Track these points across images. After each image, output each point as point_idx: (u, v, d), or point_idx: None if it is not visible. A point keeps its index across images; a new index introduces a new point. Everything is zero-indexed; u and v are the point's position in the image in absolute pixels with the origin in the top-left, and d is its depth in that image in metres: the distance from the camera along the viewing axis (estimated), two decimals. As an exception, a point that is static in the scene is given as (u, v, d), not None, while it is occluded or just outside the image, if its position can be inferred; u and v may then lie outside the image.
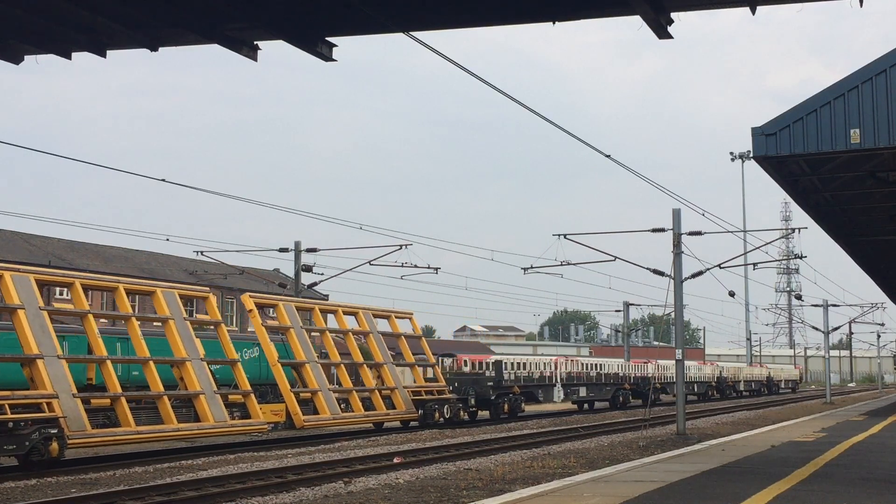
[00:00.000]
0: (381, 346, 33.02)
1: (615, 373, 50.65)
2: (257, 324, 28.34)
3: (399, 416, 32.26)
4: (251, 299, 28.46)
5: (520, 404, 39.94)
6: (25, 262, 44.71)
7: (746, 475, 14.12)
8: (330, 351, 31.42)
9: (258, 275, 64.37)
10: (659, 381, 54.57)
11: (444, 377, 37.86)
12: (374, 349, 32.87)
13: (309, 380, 28.68)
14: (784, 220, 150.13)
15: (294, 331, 29.04)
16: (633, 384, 51.89)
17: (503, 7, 11.80)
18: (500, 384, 38.99)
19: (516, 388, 39.83)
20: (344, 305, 33.96)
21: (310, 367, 28.90)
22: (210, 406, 24.02)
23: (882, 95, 18.58)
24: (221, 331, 26.71)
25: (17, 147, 44.12)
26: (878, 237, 31.38)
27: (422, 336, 36.97)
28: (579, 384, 46.62)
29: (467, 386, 37.66)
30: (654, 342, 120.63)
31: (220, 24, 11.99)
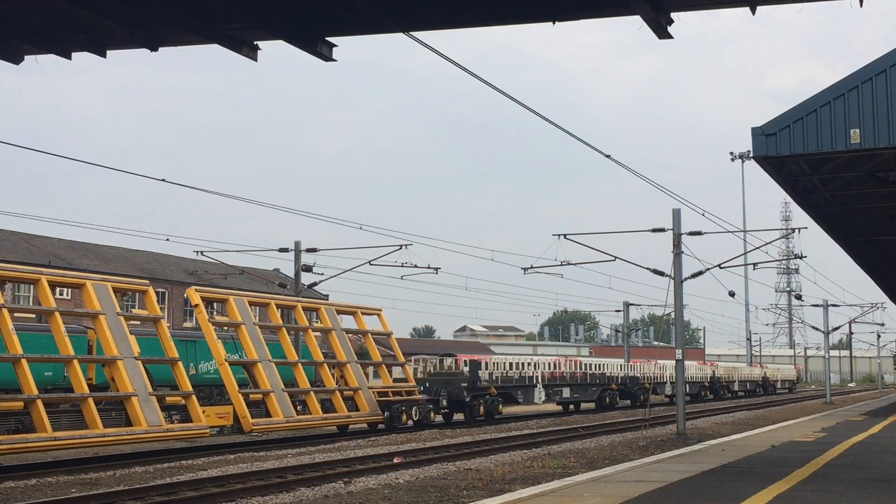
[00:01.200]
0: (345, 343, 31.27)
1: (601, 373, 49.12)
2: (203, 319, 26.36)
3: (362, 418, 30.47)
4: (197, 293, 26.53)
5: (497, 406, 38.32)
6: (26, 262, 44.74)
7: (746, 475, 14.12)
8: (286, 349, 29.41)
9: (258, 275, 64.39)
10: (649, 382, 53.32)
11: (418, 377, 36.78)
12: (336, 347, 31.08)
13: (261, 380, 26.69)
14: (784, 220, 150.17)
15: (246, 327, 27.17)
16: (620, 384, 50.51)
17: (503, 7, 11.80)
18: (475, 385, 37.24)
19: (493, 389, 38.16)
20: (305, 301, 32.38)
21: (262, 366, 26.90)
22: (143, 409, 22.09)
23: (882, 95, 18.58)
24: (161, 327, 24.78)
25: (17, 147, 44.14)
26: (878, 237, 31.38)
27: (391, 333, 35.23)
28: (562, 385, 44.85)
29: (439, 386, 35.99)
30: (654, 342, 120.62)
31: (220, 24, 11.98)
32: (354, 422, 30.39)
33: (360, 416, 30.31)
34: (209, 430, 24.37)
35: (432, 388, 35.67)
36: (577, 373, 46.72)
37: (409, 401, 32.32)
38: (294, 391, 28.40)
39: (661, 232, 28.63)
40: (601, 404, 48.17)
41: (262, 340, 27.44)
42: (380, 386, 32.42)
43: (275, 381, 26.97)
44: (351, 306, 34.70)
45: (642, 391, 51.62)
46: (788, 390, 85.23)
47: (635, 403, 50.96)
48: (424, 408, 32.97)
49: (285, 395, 27.08)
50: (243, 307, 27.48)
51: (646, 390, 51.96)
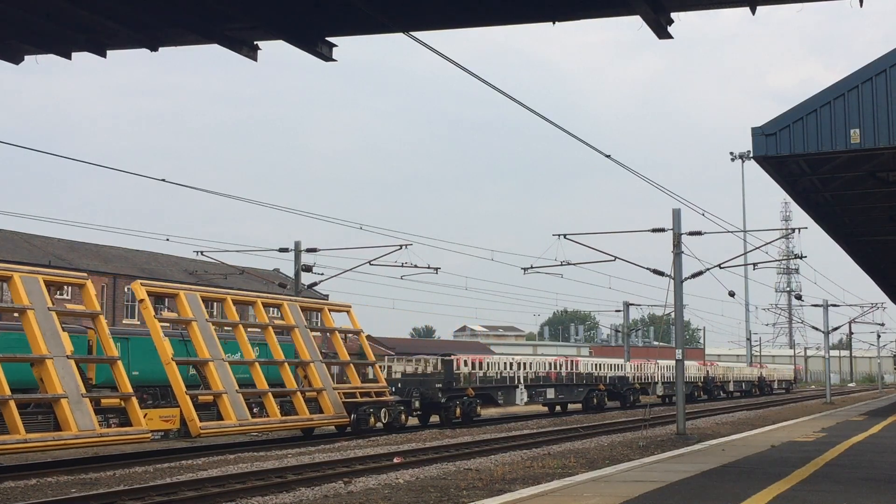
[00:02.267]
0: (309, 342, 29.36)
1: (588, 373, 47.62)
2: (149, 316, 24.51)
3: (325, 420, 28.70)
4: (143, 287, 24.61)
5: (474, 408, 36.74)
6: (26, 262, 44.72)
7: (746, 475, 14.13)
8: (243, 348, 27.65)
9: (258, 275, 64.44)
10: (638, 382, 52.34)
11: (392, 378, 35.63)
12: (299, 345, 29.09)
13: (212, 380, 24.85)
14: (784, 220, 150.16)
15: (197, 324, 25.31)
16: (608, 385, 49.01)
17: (503, 7, 11.80)
18: (450, 385, 35.70)
19: (470, 391, 36.57)
20: (266, 297, 30.84)
21: (214, 365, 25.01)
22: (74, 413, 20.22)
23: (882, 95, 18.59)
24: (100, 324, 22.66)
25: (17, 147, 44.15)
26: (878, 237, 31.39)
27: (361, 331, 33.69)
28: (546, 385, 43.24)
29: (411, 387, 34.39)
30: (654, 342, 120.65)
31: (220, 24, 11.99)
32: (317, 424, 28.86)
33: (323, 418, 28.52)
34: (150, 435, 22.45)
35: (405, 389, 34.14)
36: (563, 373, 45.39)
37: (379, 402, 30.57)
38: (249, 392, 26.53)
39: (661, 232, 28.65)
40: (588, 405, 46.89)
41: (216, 338, 25.65)
42: (347, 387, 30.47)
43: (228, 381, 25.19)
44: (318, 302, 33.35)
45: (632, 392, 50.82)
46: (785, 390, 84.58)
47: (625, 404, 50.09)
48: (395, 410, 31.28)
49: (239, 397, 25.25)
50: (195, 303, 25.73)
51: (636, 391, 51.10)
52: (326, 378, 29.31)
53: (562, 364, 46.01)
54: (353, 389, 30.28)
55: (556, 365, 45.32)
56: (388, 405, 30.90)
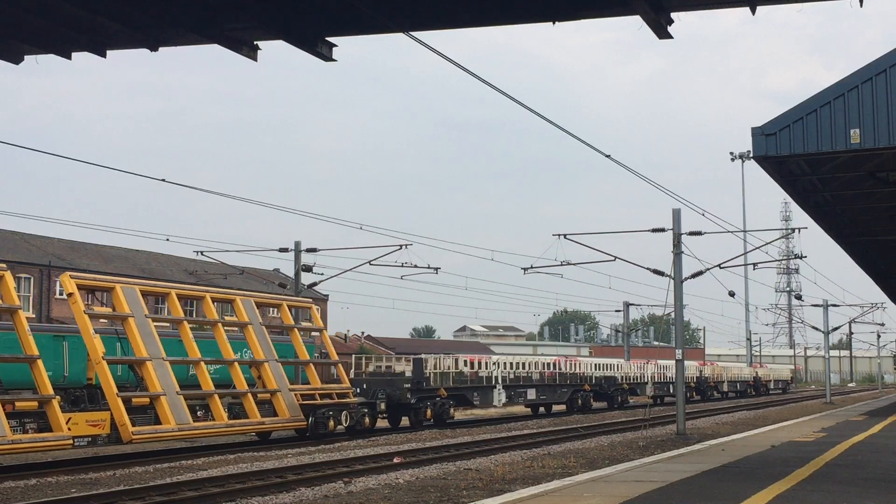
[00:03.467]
0: (263, 340, 27.46)
1: (573, 372, 45.85)
2: (78, 311, 22.53)
3: (279, 424, 26.87)
4: (72, 280, 22.75)
5: (447, 409, 34.82)
6: (25, 263, 44.76)
7: (746, 475, 14.13)
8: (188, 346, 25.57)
9: (258, 275, 64.48)
10: (627, 382, 50.86)
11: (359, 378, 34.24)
12: (252, 344, 27.28)
13: (150, 381, 23.09)
14: (784, 220, 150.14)
15: (135, 320, 23.35)
16: (594, 385, 47.30)
17: (503, 7, 11.82)
18: (420, 385, 33.89)
19: (443, 391, 34.80)
20: (215, 292, 28.62)
21: (152, 365, 23.09)
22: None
23: (882, 95, 18.58)
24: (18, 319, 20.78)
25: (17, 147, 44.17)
26: (878, 237, 31.39)
27: (323, 329, 32.02)
28: (527, 385, 41.36)
29: (376, 388, 32.45)
30: (654, 342, 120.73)
31: (220, 24, 12.00)
32: (268, 428, 27.07)
33: (276, 422, 26.69)
34: (72, 442, 20.50)
35: (370, 390, 32.28)
36: (545, 372, 43.64)
37: (340, 404, 28.71)
38: (193, 394, 24.83)
39: (661, 232, 28.66)
40: (573, 406, 45.19)
41: (155, 336, 23.89)
42: (305, 388, 28.79)
43: (167, 382, 23.32)
44: (277, 298, 31.74)
45: (621, 392, 49.57)
46: (782, 391, 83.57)
47: (612, 405, 48.80)
48: (358, 412, 29.50)
49: (180, 399, 23.45)
50: (133, 298, 23.87)
51: (624, 391, 49.77)
52: (282, 379, 27.49)
53: (544, 364, 44.48)
54: (312, 391, 28.52)
55: (537, 365, 43.80)
56: (349, 407, 29.13)
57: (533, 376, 42.37)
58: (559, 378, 44.31)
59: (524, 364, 42.68)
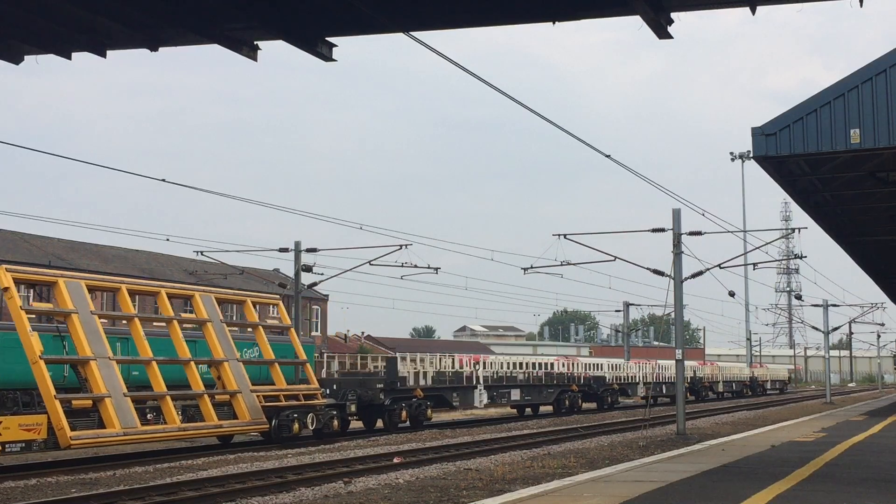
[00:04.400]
0: (223, 338, 25.93)
1: (559, 372, 44.36)
2: (14, 307, 21.21)
3: (238, 427, 25.31)
4: (9, 274, 21.42)
5: (424, 411, 33.11)
6: (25, 263, 44.76)
7: (746, 475, 14.13)
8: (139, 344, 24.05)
9: (258, 275, 64.45)
10: (617, 382, 49.51)
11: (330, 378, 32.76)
12: (211, 342, 25.70)
13: (94, 382, 21.45)
14: (784, 220, 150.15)
15: (79, 317, 21.89)
16: (582, 385, 45.64)
17: (503, 7, 11.82)
18: (394, 386, 32.26)
19: (419, 391, 33.25)
20: (171, 287, 27.23)
21: (97, 364, 21.53)
22: None
23: (882, 95, 18.59)
24: None
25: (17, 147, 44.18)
26: (878, 237, 31.40)
27: (290, 326, 30.40)
28: (510, 386, 39.70)
29: (346, 389, 30.87)
30: (655, 342, 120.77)
31: (220, 24, 12.00)
32: (226, 432, 25.50)
33: (235, 425, 25.15)
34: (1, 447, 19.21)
35: (340, 391, 30.61)
36: (531, 373, 42.23)
37: (305, 406, 27.15)
38: (142, 395, 23.59)
39: (661, 232, 28.65)
40: (560, 408, 43.55)
41: (102, 334, 22.47)
42: (268, 388, 27.24)
43: (113, 383, 21.84)
44: (241, 295, 30.14)
45: (610, 393, 48.28)
46: (779, 391, 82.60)
47: (602, 406, 47.46)
48: (325, 414, 27.93)
49: (127, 402, 21.87)
50: (78, 293, 22.37)
51: (614, 392, 48.58)
52: (243, 379, 25.92)
53: (529, 364, 43.21)
54: (276, 392, 27.15)
55: (521, 365, 42.47)
56: (315, 409, 27.55)
57: (517, 376, 41.11)
58: (545, 378, 43.08)
59: (508, 364, 41.43)
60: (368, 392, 31.11)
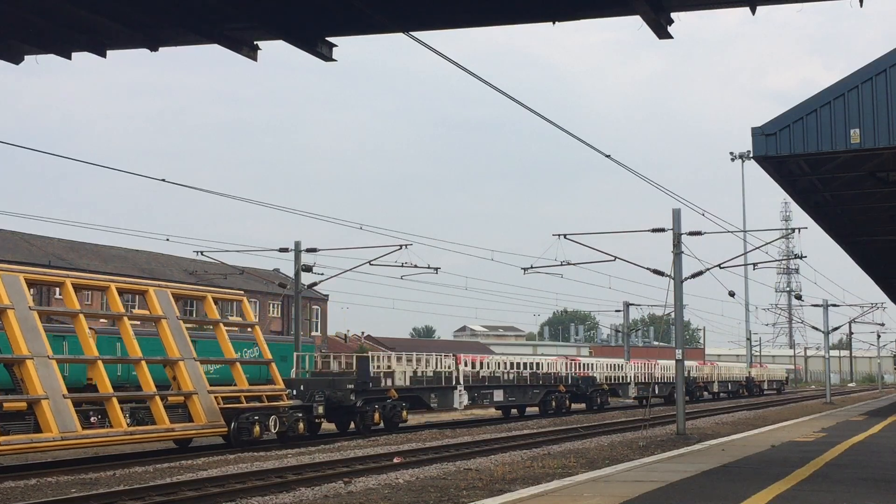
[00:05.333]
0: (179, 335, 24.42)
1: (546, 372, 42.93)
2: None
3: (191, 431, 23.82)
4: None
5: (399, 413, 31.70)
6: (25, 263, 44.77)
7: (746, 475, 14.13)
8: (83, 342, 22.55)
9: (258, 275, 64.49)
10: (607, 382, 48.06)
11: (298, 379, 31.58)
12: (166, 340, 24.16)
13: (30, 383, 20.00)
14: (784, 220, 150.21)
15: (14, 313, 20.41)
16: (570, 386, 44.25)
17: (503, 7, 11.81)
18: (365, 386, 30.69)
19: (393, 392, 31.81)
20: (121, 282, 25.14)
21: (33, 364, 20.12)
22: None
23: (882, 95, 18.59)
24: None
25: (18, 147, 44.17)
26: (878, 237, 31.39)
27: (256, 324, 28.85)
28: (493, 386, 38.26)
29: (313, 389, 29.30)
30: (655, 342, 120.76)
31: (220, 24, 12.00)
32: (178, 436, 23.98)
33: (188, 428, 23.65)
34: None
35: (307, 392, 29.11)
36: (515, 373, 40.78)
37: (268, 408, 25.79)
38: (85, 397, 22.37)
39: (661, 232, 28.65)
40: (546, 409, 42.16)
41: (41, 331, 21.04)
42: (228, 389, 25.81)
43: (52, 384, 20.38)
44: (201, 290, 28.34)
45: (600, 393, 46.87)
46: (777, 391, 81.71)
47: (591, 407, 46.14)
48: (291, 416, 26.49)
49: (67, 404, 20.44)
50: (15, 288, 20.87)
51: (604, 392, 47.32)
52: (199, 380, 24.43)
53: (513, 364, 41.88)
54: (237, 393, 25.73)
55: (505, 364, 41.28)
56: (278, 411, 26.06)
57: (501, 376, 39.73)
58: (530, 378, 41.58)
59: (490, 363, 40.33)
60: (338, 393, 29.54)
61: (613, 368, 50.26)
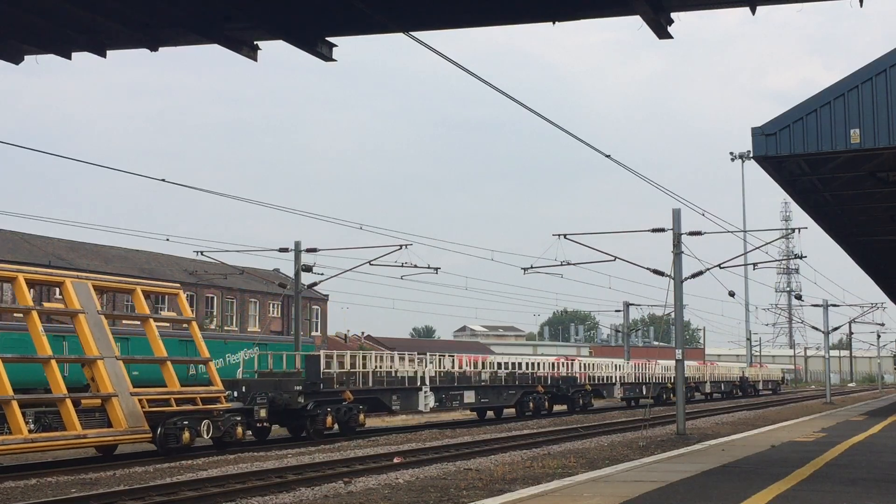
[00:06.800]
0: (99, 331, 22.11)
1: (523, 373, 41.10)
2: None
3: (107, 437, 21.35)
4: None
5: (355, 416, 29.46)
6: (25, 263, 44.76)
7: (746, 475, 14.12)
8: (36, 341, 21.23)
9: (258, 275, 64.45)
10: (589, 383, 46.02)
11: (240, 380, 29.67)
12: (83, 337, 21.80)
13: None
14: (784, 220, 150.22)
15: None
16: (550, 386, 42.34)
17: (503, 7, 11.82)
18: (316, 388, 28.21)
19: (348, 394, 29.60)
20: (32, 272, 23.03)
21: None
22: None
23: (882, 95, 18.60)
24: None
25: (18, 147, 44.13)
26: (878, 237, 31.40)
27: (192, 319, 26.49)
28: (463, 387, 36.12)
29: (256, 391, 27.26)
30: (655, 342, 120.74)
31: (220, 24, 11.99)
32: (93, 443, 21.40)
33: (104, 434, 21.23)
34: None
35: (248, 394, 27.10)
36: (489, 372, 38.96)
37: (200, 412, 23.60)
38: None
39: (661, 232, 28.65)
40: (523, 410, 40.20)
41: None
42: (154, 391, 23.41)
43: None
44: (129, 282, 25.78)
45: (582, 394, 44.94)
46: (772, 392, 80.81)
47: (574, 409, 44.10)
48: (227, 421, 24.27)
49: None
50: None
51: (587, 393, 45.45)
52: (121, 380, 22.02)
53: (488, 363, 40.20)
54: (165, 395, 23.36)
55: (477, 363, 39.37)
56: (211, 415, 23.84)
57: (472, 377, 37.59)
58: (506, 379, 39.60)
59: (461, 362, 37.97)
60: (284, 395, 27.32)
61: (596, 368, 48.58)
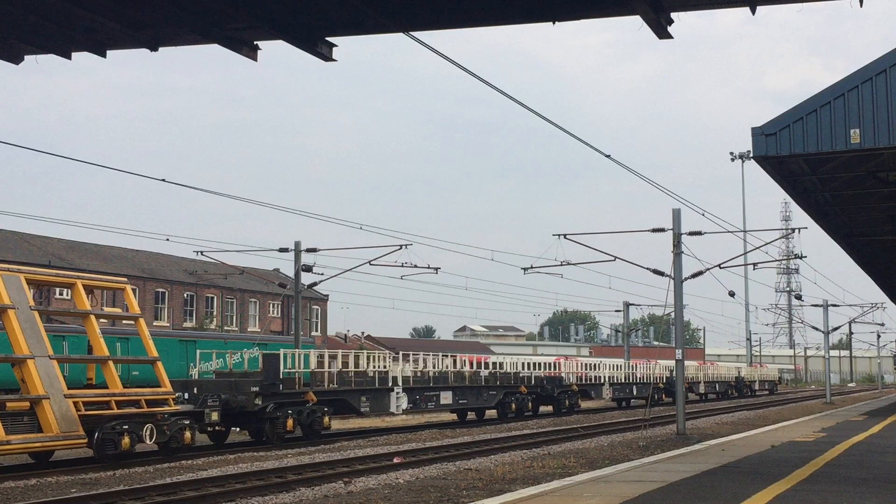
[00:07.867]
0: (31, 329, 20.43)
1: (504, 372, 39.53)
2: None
3: (34, 444, 19.46)
4: None
5: (320, 419, 27.53)
6: (25, 263, 44.74)
7: (746, 475, 14.12)
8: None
9: (258, 275, 64.43)
10: (576, 383, 44.40)
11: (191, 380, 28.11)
12: (14, 335, 20.10)
13: None
14: (784, 220, 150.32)
15: None
16: (534, 387, 40.83)
17: (503, 7, 11.81)
18: (275, 389, 26.42)
19: (311, 395, 27.59)
20: None
21: None
22: None
23: (882, 95, 18.59)
24: None
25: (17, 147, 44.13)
26: (878, 237, 31.40)
27: (140, 316, 24.47)
28: (439, 388, 34.35)
29: (208, 392, 25.51)
30: (655, 342, 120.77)
31: (220, 24, 11.99)
32: (17, 450, 19.32)
33: (31, 440, 19.32)
34: None
35: (200, 396, 25.40)
36: (466, 372, 37.34)
37: (143, 415, 21.70)
38: None
39: (661, 232, 28.64)
40: (505, 412, 38.42)
41: None
42: (91, 393, 21.78)
43: None
44: (68, 276, 24.14)
45: (568, 395, 43.28)
46: (769, 392, 79.50)
47: (559, 410, 42.51)
48: (173, 426, 22.29)
49: None
50: None
51: (573, 394, 43.91)
52: (54, 382, 20.25)
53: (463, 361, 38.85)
54: (105, 397, 21.53)
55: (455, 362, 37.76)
56: (156, 419, 21.97)
57: (449, 377, 35.74)
58: (486, 379, 37.91)
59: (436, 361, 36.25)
60: (239, 396, 25.52)
61: (582, 368, 47.12)
